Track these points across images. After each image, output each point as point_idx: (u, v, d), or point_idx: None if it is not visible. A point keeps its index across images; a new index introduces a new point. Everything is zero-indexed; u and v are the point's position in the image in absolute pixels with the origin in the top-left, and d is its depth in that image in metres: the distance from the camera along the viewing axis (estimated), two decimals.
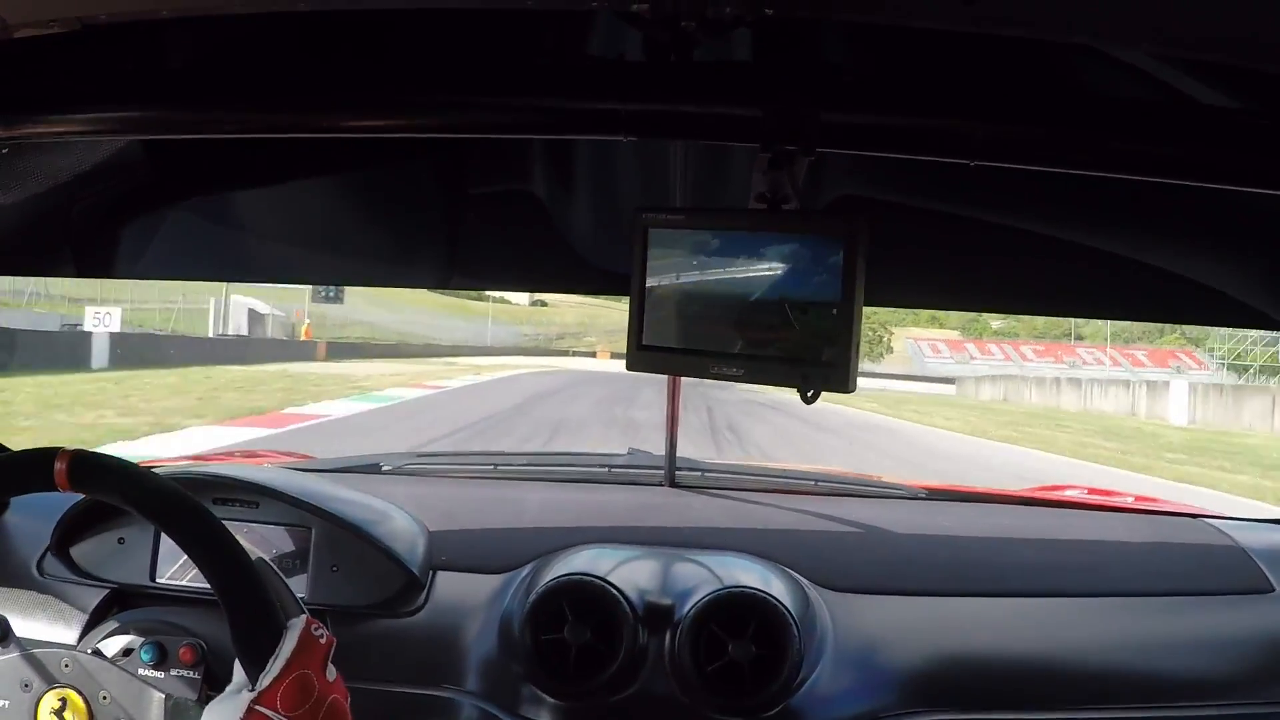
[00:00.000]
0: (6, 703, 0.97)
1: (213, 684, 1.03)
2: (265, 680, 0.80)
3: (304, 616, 0.85)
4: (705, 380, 0.97)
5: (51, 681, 0.97)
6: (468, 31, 1.06)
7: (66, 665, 0.97)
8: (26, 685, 0.97)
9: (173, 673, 1.04)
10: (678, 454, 1.79)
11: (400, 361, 36.00)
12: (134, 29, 1.00)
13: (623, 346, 1.01)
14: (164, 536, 1.29)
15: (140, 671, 1.01)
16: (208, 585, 0.90)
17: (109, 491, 0.87)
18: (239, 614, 0.84)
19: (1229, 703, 1.31)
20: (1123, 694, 1.30)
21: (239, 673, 0.83)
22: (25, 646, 1.00)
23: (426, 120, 0.94)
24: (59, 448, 0.85)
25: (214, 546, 0.86)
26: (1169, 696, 1.31)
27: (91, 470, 0.85)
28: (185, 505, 0.86)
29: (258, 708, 0.78)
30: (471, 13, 0.95)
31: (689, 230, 0.95)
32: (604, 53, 1.05)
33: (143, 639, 1.08)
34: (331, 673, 0.84)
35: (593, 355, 58.30)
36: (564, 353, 60.51)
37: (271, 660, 0.81)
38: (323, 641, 0.84)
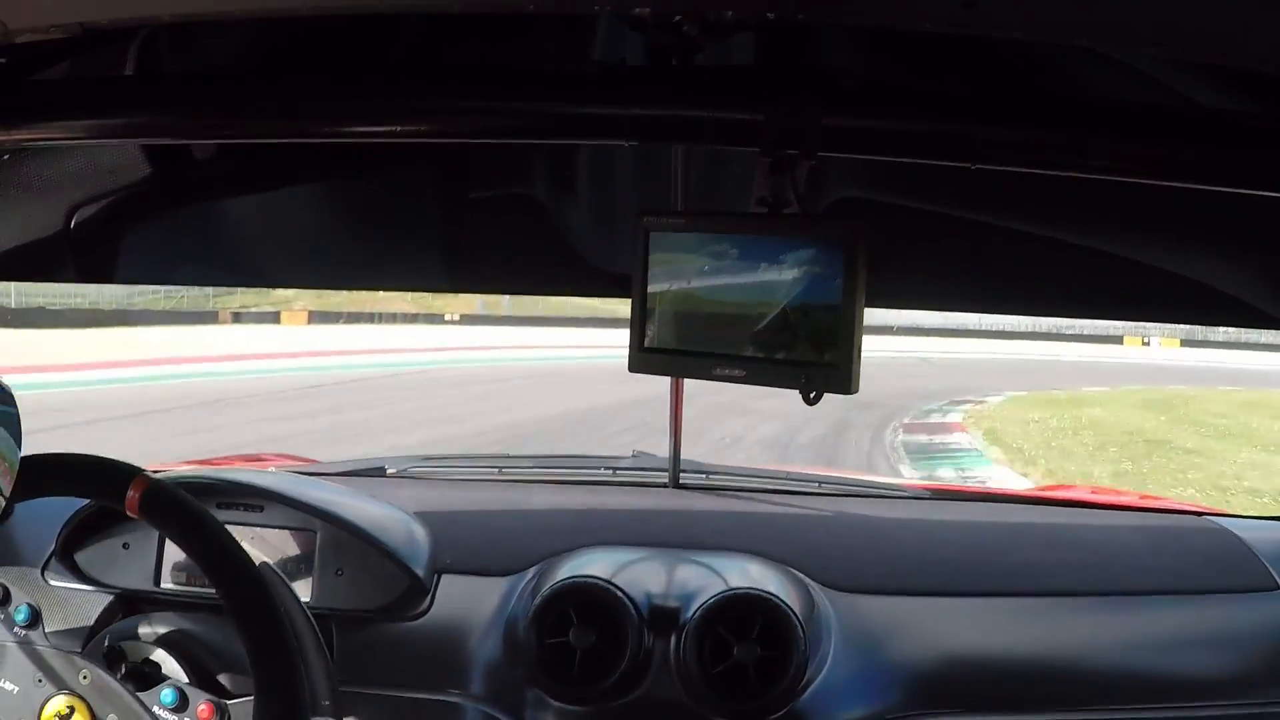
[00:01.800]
0: (16, 688, 0.97)
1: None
2: None
3: None
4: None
5: (64, 686, 0.97)
6: (469, 36, 1.06)
7: (85, 677, 0.97)
8: (40, 680, 0.97)
9: None
10: (682, 456, 1.79)
11: None
12: (134, 34, 1.01)
13: (329, 301, 0.97)
14: (168, 542, 1.29)
15: (155, 709, 1.00)
16: (213, 591, 0.90)
17: (170, 530, 0.87)
18: (268, 696, 0.84)
19: (1235, 701, 1.30)
20: (1129, 693, 1.30)
21: None
22: (51, 639, 1.00)
23: (428, 125, 0.94)
24: (139, 471, 0.84)
25: (260, 617, 0.85)
26: (1175, 695, 1.30)
27: (163, 505, 0.85)
28: (242, 570, 0.86)
29: None
30: (473, 17, 0.95)
31: (690, 234, 0.95)
32: (606, 57, 1.05)
33: (169, 674, 1.07)
34: None
35: (276, 320, 31.12)
36: (215, 316, 30.85)
37: None
38: None
